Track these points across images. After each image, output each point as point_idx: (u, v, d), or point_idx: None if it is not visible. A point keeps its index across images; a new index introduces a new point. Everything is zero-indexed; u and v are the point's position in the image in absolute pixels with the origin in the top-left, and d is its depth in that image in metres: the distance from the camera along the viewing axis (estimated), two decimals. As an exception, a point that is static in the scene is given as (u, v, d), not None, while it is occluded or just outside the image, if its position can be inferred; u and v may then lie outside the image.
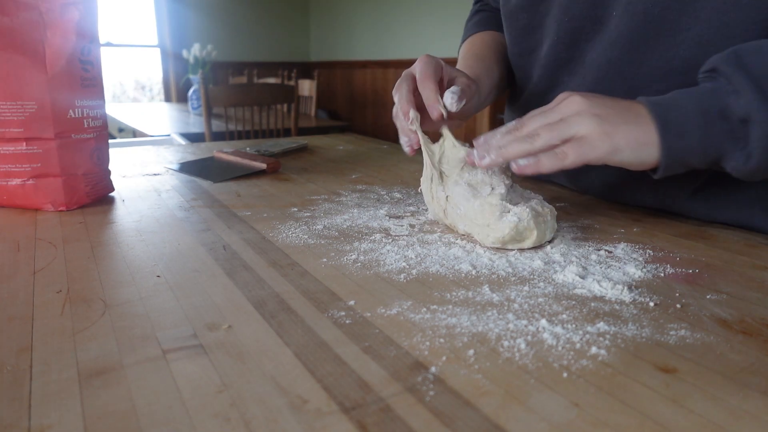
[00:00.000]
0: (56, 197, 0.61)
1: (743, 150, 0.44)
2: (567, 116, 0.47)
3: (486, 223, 0.49)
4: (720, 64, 0.46)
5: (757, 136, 0.43)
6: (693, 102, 0.46)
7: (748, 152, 0.44)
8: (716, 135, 0.45)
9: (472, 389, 0.29)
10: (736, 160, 0.45)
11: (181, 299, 0.39)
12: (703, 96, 0.46)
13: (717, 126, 0.45)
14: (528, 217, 0.48)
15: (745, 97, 0.43)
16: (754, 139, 0.44)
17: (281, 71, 3.78)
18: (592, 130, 0.46)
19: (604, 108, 0.47)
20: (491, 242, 0.49)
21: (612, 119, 0.46)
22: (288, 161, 0.94)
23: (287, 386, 0.29)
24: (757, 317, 0.37)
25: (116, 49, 4.80)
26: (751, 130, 0.43)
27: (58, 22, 0.58)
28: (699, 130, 0.45)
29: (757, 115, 0.43)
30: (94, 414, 0.27)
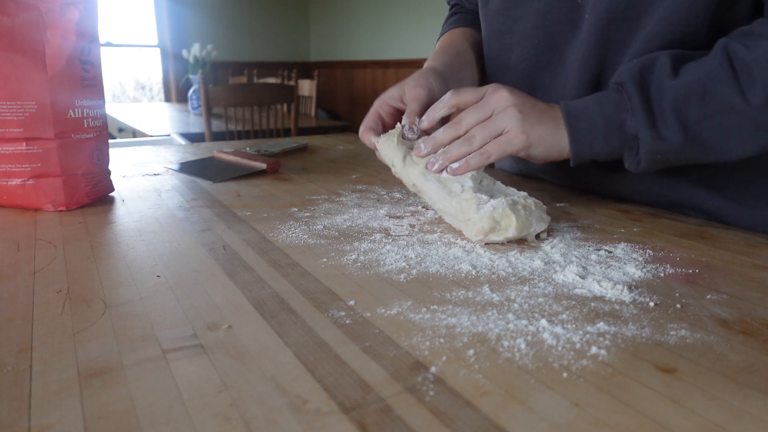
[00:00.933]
0: (56, 197, 0.61)
1: (635, 157, 0.54)
2: (496, 112, 0.54)
3: (466, 218, 0.51)
4: (626, 80, 0.53)
5: (644, 150, 0.53)
6: (600, 114, 0.54)
7: (638, 159, 0.54)
8: (615, 143, 0.54)
9: (472, 389, 0.29)
10: (629, 163, 0.55)
11: (181, 299, 0.39)
12: (608, 109, 0.54)
13: (616, 137, 0.54)
14: (503, 205, 0.50)
15: (636, 118, 0.52)
16: (642, 152, 0.53)
17: (281, 71, 3.78)
18: (514, 125, 0.53)
19: (526, 107, 0.54)
20: (475, 236, 0.50)
21: (531, 118, 0.53)
22: (288, 161, 0.94)
23: (287, 386, 0.29)
24: (757, 317, 0.37)
25: (116, 49, 4.80)
26: (640, 145, 0.53)
27: (58, 22, 0.58)
28: (602, 139, 0.54)
29: (643, 136, 0.52)
30: (94, 414, 0.27)
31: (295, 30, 5.31)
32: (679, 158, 0.54)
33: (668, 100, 0.51)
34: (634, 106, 0.52)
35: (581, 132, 0.54)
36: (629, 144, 0.54)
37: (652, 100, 0.52)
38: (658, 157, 0.53)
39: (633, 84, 0.53)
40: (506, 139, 0.53)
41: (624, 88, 0.53)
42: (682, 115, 0.51)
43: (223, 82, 4.62)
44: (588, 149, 0.54)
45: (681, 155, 0.53)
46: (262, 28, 5.13)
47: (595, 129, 0.54)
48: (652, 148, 0.52)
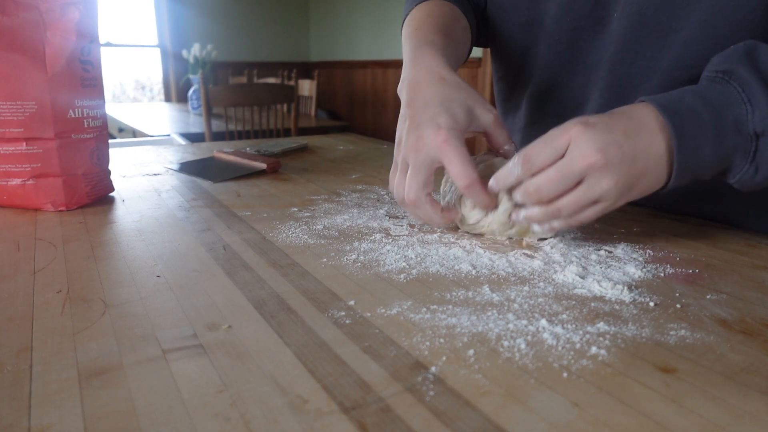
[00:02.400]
0: (56, 197, 0.61)
1: (751, 164, 0.43)
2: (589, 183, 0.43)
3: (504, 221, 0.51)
4: (735, 66, 0.44)
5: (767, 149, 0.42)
6: (708, 112, 0.43)
7: (756, 165, 0.43)
8: (728, 148, 0.43)
9: (472, 389, 0.29)
10: (743, 174, 0.44)
11: (181, 299, 0.39)
12: (717, 104, 0.43)
13: (730, 139, 0.43)
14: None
15: (760, 110, 0.41)
16: (764, 153, 0.42)
17: (281, 71, 3.78)
18: (611, 194, 0.44)
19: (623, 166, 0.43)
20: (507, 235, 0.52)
21: (630, 180, 0.43)
22: (288, 161, 0.94)
23: (287, 386, 0.29)
24: (757, 317, 0.37)
25: (116, 49, 4.80)
26: (761, 144, 0.42)
27: (58, 22, 0.58)
28: (713, 144, 0.43)
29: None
30: (94, 414, 0.27)
31: (295, 30, 5.31)
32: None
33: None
34: (753, 96, 0.42)
35: (687, 140, 0.43)
36: (744, 147, 0.43)
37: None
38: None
39: (745, 69, 0.43)
40: (600, 208, 0.45)
41: (733, 76, 0.43)
42: None
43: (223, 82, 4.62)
44: (693, 159, 0.43)
45: None
46: (262, 28, 5.13)
47: (703, 132, 0.42)
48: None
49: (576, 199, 0.44)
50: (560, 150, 0.44)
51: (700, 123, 0.43)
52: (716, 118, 0.43)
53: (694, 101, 0.44)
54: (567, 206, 0.44)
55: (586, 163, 0.43)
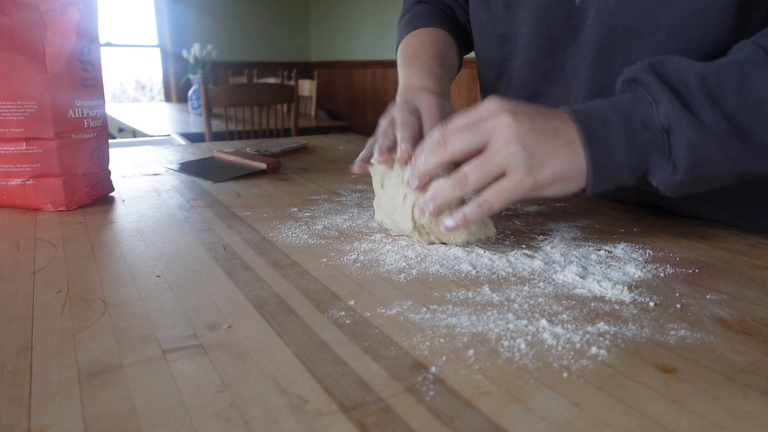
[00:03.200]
0: (56, 197, 0.61)
1: (668, 161, 0.43)
2: (493, 143, 0.44)
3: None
4: (638, 74, 0.45)
5: (681, 145, 0.42)
6: (616, 113, 0.44)
7: (673, 163, 0.43)
8: (641, 145, 0.43)
9: (472, 389, 0.29)
10: (662, 172, 0.44)
11: (181, 299, 0.39)
12: (623, 106, 0.44)
13: (641, 136, 0.43)
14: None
15: (663, 105, 0.42)
16: (677, 149, 0.42)
17: (281, 71, 3.78)
18: (517, 165, 0.43)
19: (533, 134, 0.43)
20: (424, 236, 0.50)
21: (540, 151, 0.43)
22: (288, 161, 0.94)
23: (287, 386, 0.29)
24: (757, 317, 0.37)
25: (116, 49, 4.80)
26: (673, 140, 0.42)
27: (58, 22, 0.58)
28: (624, 142, 0.43)
29: (677, 123, 0.42)
30: (94, 414, 0.27)
31: (295, 30, 5.31)
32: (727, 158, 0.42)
33: (696, 86, 0.42)
34: (655, 94, 0.43)
35: (597, 137, 0.43)
36: (658, 144, 0.43)
37: (677, 86, 0.43)
38: (699, 154, 0.42)
39: (647, 75, 0.44)
40: (510, 184, 0.43)
41: (637, 82, 0.45)
42: (718, 103, 0.42)
43: (223, 82, 4.62)
44: (607, 160, 0.43)
45: (729, 152, 0.42)
46: (262, 28, 5.13)
47: (612, 130, 0.43)
48: (692, 140, 0.42)
49: (483, 164, 0.44)
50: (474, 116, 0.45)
51: (607, 122, 0.43)
52: (624, 117, 0.43)
53: (601, 106, 0.45)
54: (474, 171, 0.44)
55: (495, 121, 0.44)
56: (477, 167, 0.44)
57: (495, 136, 0.43)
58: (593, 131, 0.43)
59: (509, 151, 0.43)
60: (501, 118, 0.44)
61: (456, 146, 0.45)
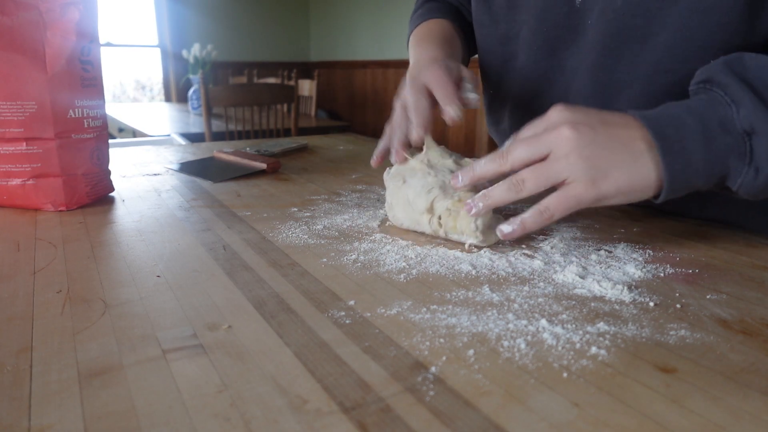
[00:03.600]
0: (56, 197, 0.61)
1: (750, 165, 0.41)
2: (555, 154, 0.43)
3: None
4: (714, 74, 0.43)
5: (764, 148, 0.40)
6: (691, 116, 0.42)
7: (756, 166, 0.41)
8: (720, 150, 0.41)
9: (472, 389, 0.29)
10: (743, 176, 0.42)
11: (181, 299, 0.39)
12: (700, 109, 0.42)
13: (719, 140, 0.41)
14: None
15: (745, 107, 0.41)
16: (761, 152, 0.41)
17: (281, 71, 3.78)
18: (579, 177, 0.42)
19: (596, 146, 0.42)
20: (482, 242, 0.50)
21: (603, 163, 0.42)
22: (288, 161, 0.94)
23: (287, 386, 0.29)
24: (757, 317, 0.37)
25: (116, 49, 4.80)
26: (755, 143, 0.41)
27: (58, 22, 0.58)
28: (702, 147, 0.41)
29: (760, 126, 0.40)
30: (94, 414, 0.27)
31: (295, 30, 5.31)
32: None
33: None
34: (735, 95, 0.41)
35: (671, 143, 0.41)
36: (738, 148, 0.41)
37: (758, 87, 0.41)
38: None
39: (725, 75, 0.42)
40: (572, 194, 0.42)
41: (713, 82, 0.43)
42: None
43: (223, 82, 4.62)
44: (683, 169, 0.41)
45: None
46: (262, 28, 5.13)
47: (688, 135, 0.41)
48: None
49: (542, 170, 0.43)
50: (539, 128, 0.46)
51: (682, 127, 0.42)
52: (700, 121, 0.42)
53: (675, 109, 0.43)
54: (532, 176, 0.44)
55: (557, 135, 0.43)
56: (535, 173, 0.44)
57: (556, 148, 0.43)
58: (667, 138, 0.42)
59: (569, 162, 0.42)
60: (562, 130, 0.43)
61: (516, 157, 0.45)
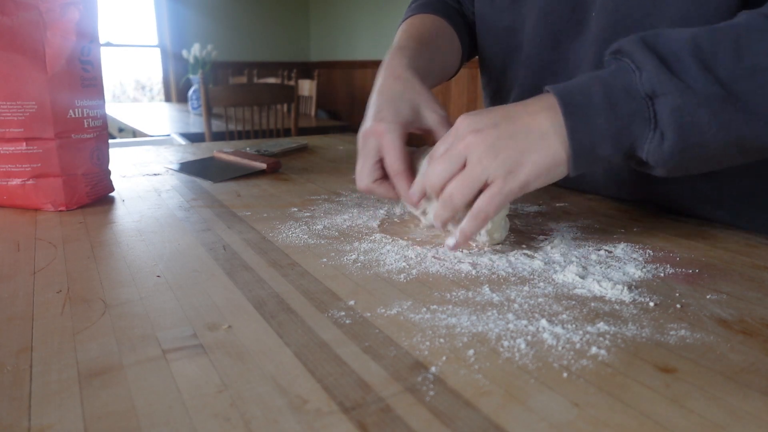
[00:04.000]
0: (56, 197, 0.61)
1: (655, 130, 0.41)
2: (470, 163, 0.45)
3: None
4: (625, 44, 0.44)
5: (666, 111, 0.40)
6: (597, 83, 0.43)
7: (661, 131, 0.41)
8: (623, 115, 0.42)
9: (472, 389, 0.29)
10: (649, 142, 0.42)
11: (181, 299, 0.39)
12: (605, 76, 0.43)
13: (623, 105, 0.42)
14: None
15: (647, 71, 0.41)
16: (663, 115, 0.41)
17: (281, 71, 3.78)
18: (497, 174, 0.44)
19: (501, 142, 0.44)
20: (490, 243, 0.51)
21: (512, 154, 0.44)
22: (288, 161, 0.94)
23: (287, 386, 0.29)
24: (757, 317, 0.37)
25: (116, 49, 4.80)
26: (658, 106, 0.41)
27: (58, 22, 0.58)
28: (605, 111, 0.42)
29: (661, 88, 0.40)
30: (94, 414, 0.27)
31: (295, 30, 5.31)
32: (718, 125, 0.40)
33: (685, 51, 0.41)
34: (639, 62, 0.42)
35: (575, 108, 0.43)
36: (642, 112, 0.41)
37: (663, 53, 0.41)
38: (687, 119, 0.40)
39: (633, 44, 0.43)
40: (496, 191, 0.44)
41: (622, 52, 0.44)
42: (709, 67, 0.40)
43: (223, 82, 4.62)
44: (587, 133, 0.42)
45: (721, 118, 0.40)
46: (262, 28, 5.13)
47: (593, 101, 0.42)
48: (678, 104, 0.40)
49: (462, 181, 0.45)
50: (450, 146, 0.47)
51: (588, 94, 0.43)
52: (606, 88, 0.42)
53: (586, 80, 0.44)
54: (457, 190, 0.45)
55: (464, 143, 0.45)
56: (458, 185, 0.46)
57: (468, 155, 0.45)
58: (573, 105, 0.43)
59: (483, 165, 0.44)
60: (468, 139, 0.45)
61: (436, 176, 0.46)
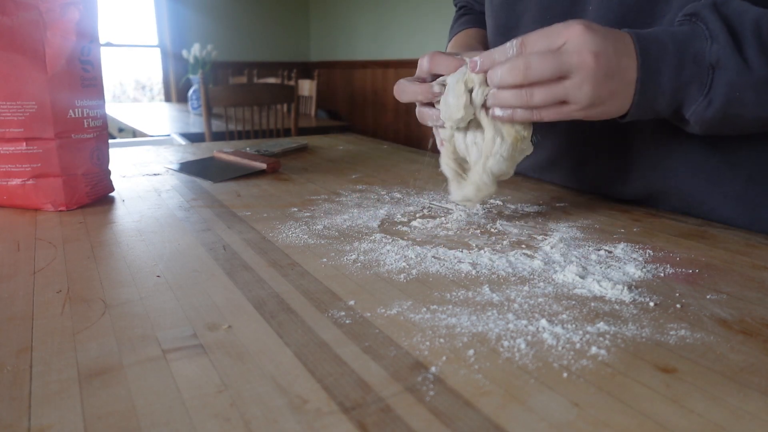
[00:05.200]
0: (56, 197, 0.61)
1: (706, 96, 0.46)
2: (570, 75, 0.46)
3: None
4: (701, 8, 0.47)
5: (722, 82, 0.45)
6: (673, 43, 0.46)
7: (710, 98, 0.46)
8: (686, 77, 0.46)
9: (472, 389, 0.29)
10: (697, 105, 0.46)
11: (181, 299, 0.39)
12: (681, 37, 0.46)
13: (688, 68, 0.46)
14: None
15: (718, 43, 0.44)
16: (718, 85, 0.45)
17: (281, 71, 3.78)
18: (582, 102, 0.46)
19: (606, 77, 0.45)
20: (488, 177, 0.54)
21: (605, 93, 0.46)
22: (288, 161, 0.94)
23: (287, 386, 0.29)
24: (757, 317, 0.37)
25: (116, 49, 4.80)
26: (716, 76, 0.45)
27: (58, 22, 0.58)
28: (673, 71, 0.46)
29: (725, 62, 0.44)
30: (94, 414, 0.27)
31: (295, 30, 5.31)
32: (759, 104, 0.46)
33: (750, 30, 0.45)
34: (714, 32, 0.45)
35: (650, 62, 0.46)
36: (701, 79, 0.46)
37: (735, 27, 0.45)
38: (736, 95, 0.45)
39: (710, 12, 0.46)
40: (567, 110, 0.47)
41: (698, 17, 0.47)
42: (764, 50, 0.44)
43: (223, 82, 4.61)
44: (653, 86, 0.46)
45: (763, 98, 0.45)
46: (262, 28, 5.12)
47: (666, 58, 0.46)
48: (734, 80, 0.45)
49: (552, 92, 0.46)
50: (557, 44, 0.46)
51: (664, 50, 0.46)
52: (679, 49, 0.46)
53: (663, 34, 0.47)
54: (541, 96, 0.47)
55: (580, 60, 0.45)
56: (546, 91, 0.46)
57: (574, 72, 0.45)
58: (649, 56, 0.46)
59: (581, 90, 0.46)
60: (585, 57, 0.45)
61: (537, 74, 0.46)
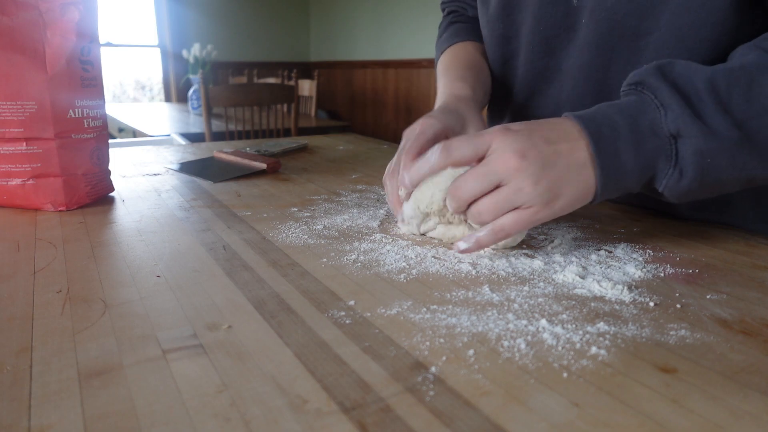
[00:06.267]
0: (56, 197, 0.61)
1: (675, 168, 0.43)
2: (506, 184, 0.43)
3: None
4: (646, 77, 0.44)
5: (689, 152, 0.42)
6: (623, 118, 0.43)
7: (680, 169, 0.43)
8: (649, 152, 0.43)
9: (472, 389, 0.29)
10: (668, 178, 0.44)
11: (181, 299, 0.39)
12: (631, 111, 0.44)
13: (649, 142, 0.43)
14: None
15: (673, 111, 0.42)
16: (685, 156, 0.42)
17: (281, 71, 3.78)
18: (535, 203, 0.43)
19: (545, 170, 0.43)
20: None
21: (554, 185, 0.43)
22: (288, 161, 0.94)
23: (287, 386, 0.29)
24: (757, 317, 0.37)
25: (116, 49, 4.80)
26: (681, 147, 0.42)
27: (58, 22, 0.58)
28: (632, 148, 0.43)
29: (687, 130, 0.41)
30: (94, 414, 0.27)
31: (295, 30, 5.32)
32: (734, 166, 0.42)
33: (705, 91, 0.42)
34: (664, 100, 0.42)
35: (606, 144, 0.43)
36: (666, 150, 0.43)
37: (686, 91, 0.42)
38: (708, 162, 0.42)
39: (656, 79, 0.43)
40: (527, 216, 0.44)
41: (644, 85, 0.44)
42: (727, 110, 0.41)
43: (223, 82, 4.62)
44: (615, 168, 0.43)
45: (737, 160, 0.42)
46: (262, 28, 5.13)
47: (621, 136, 0.43)
48: (701, 148, 0.41)
49: (495, 201, 0.44)
50: (480, 149, 0.45)
51: (616, 128, 0.43)
52: (632, 123, 0.43)
53: (609, 110, 0.44)
54: (487, 209, 0.44)
55: (505, 165, 0.43)
56: (490, 206, 0.44)
57: (506, 178, 0.43)
58: (602, 139, 0.43)
59: (524, 192, 0.43)
60: (509, 160, 0.43)
61: (468, 192, 0.45)
